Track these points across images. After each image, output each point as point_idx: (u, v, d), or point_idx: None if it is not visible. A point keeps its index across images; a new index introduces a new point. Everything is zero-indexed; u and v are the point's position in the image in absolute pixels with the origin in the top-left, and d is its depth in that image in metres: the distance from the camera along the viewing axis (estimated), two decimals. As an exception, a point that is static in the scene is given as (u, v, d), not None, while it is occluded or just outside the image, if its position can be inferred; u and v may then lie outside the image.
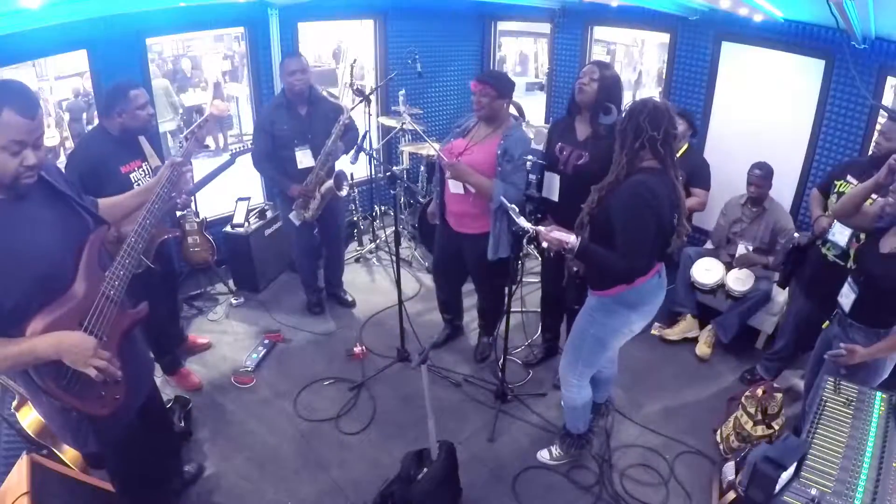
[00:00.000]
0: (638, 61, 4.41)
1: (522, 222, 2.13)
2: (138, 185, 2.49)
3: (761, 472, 1.56)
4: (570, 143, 2.56)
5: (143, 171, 2.55)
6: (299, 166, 3.20)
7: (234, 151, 2.93)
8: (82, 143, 2.56)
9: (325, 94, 3.20)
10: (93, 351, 1.44)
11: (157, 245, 2.55)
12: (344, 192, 3.28)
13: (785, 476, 1.60)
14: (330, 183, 3.19)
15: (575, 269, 2.30)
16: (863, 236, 2.30)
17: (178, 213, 3.35)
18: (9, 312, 1.38)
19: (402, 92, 3.70)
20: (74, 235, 1.54)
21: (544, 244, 2.03)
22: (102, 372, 1.47)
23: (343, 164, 3.26)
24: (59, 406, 1.52)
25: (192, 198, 2.36)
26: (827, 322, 2.38)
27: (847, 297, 2.14)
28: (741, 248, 3.30)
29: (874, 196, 2.25)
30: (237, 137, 4.92)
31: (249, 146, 3.15)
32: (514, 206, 2.20)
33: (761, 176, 3.17)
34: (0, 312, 1.37)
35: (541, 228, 2.06)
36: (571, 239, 1.97)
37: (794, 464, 1.61)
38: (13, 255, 1.38)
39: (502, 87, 2.65)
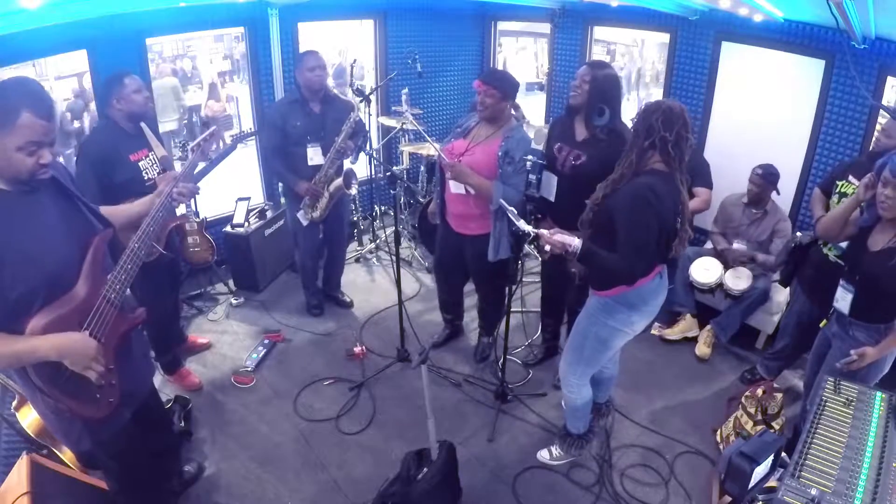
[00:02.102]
0: (637, 60, 4.40)
1: (522, 225, 2.12)
2: (146, 173, 2.58)
3: (736, 466, 1.60)
4: (569, 143, 2.56)
5: (150, 160, 2.62)
6: (309, 163, 3.21)
7: (234, 136, 2.92)
8: (92, 135, 2.66)
9: (335, 92, 3.20)
10: (94, 353, 1.46)
11: (167, 233, 2.61)
12: (354, 191, 3.28)
13: (760, 470, 1.62)
14: (339, 181, 3.19)
15: (579, 271, 2.29)
16: None
17: (180, 213, 3.35)
18: (13, 304, 1.39)
19: (406, 91, 3.71)
20: (80, 236, 1.56)
21: (547, 247, 2.02)
22: (101, 376, 1.48)
23: (343, 163, 3.26)
24: (53, 406, 1.52)
25: (198, 186, 2.42)
26: (825, 321, 2.38)
27: (843, 299, 2.14)
28: (736, 245, 3.31)
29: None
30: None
31: (248, 131, 3.14)
32: (512, 208, 2.19)
33: (760, 175, 3.17)
34: (5, 303, 1.38)
35: (543, 231, 2.04)
36: (575, 242, 1.96)
37: (770, 459, 1.64)
38: (24, 247, 1.40)
39: (507, 88, 2.64)
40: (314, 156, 3.21)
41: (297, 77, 3.17)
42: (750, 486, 1.64)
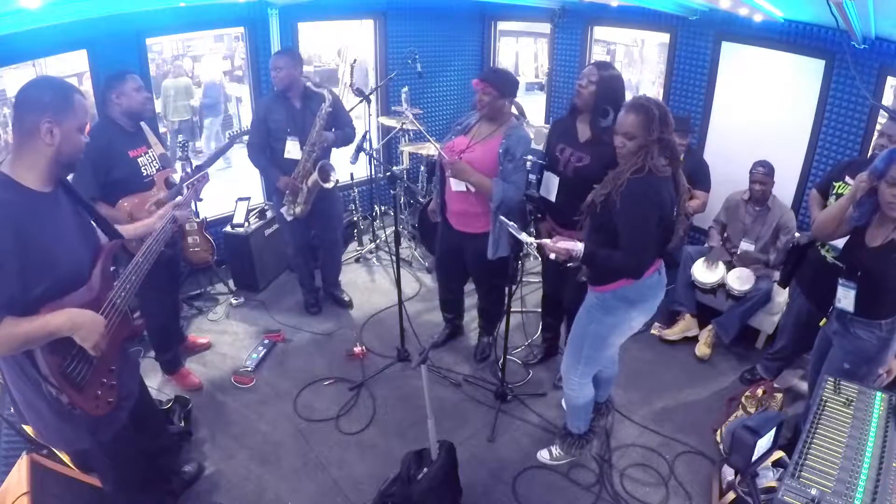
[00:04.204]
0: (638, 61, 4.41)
1: (524, 237, 2.13)
2: (144, 169, 2.62)
3: (740, 438, 1.66)
4: (571, 144, 2.55)
5: (149, 157, 2.65)
6: (286, 156, 3.21)
7: (231, 135, 2.92)
8: (91, 131, 2.66)
9: (308, 84, 3.19)
10: (104, 329, 1.51)
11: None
12: (330, 185, 3.25)
13: (763, 444, 1.66)
14: (315, 175, 3.19)
15: (577, 271, 2.28)
16: None
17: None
18: (32, 302, 1.43)
19: (406, 89, 3.71)
20: (90, 238, 1.64)
21: (552, 256, 2.03)
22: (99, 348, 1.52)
23: (342, 163, 3.25)
24: (56, 397, 1.53)
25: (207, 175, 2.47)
26: (825, 319, 2.38)
27: (846, 297, 2.14)
28: (744, 245, 3.30)
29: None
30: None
31: (244, 130, 3.15)
32: (512, 223, 2.20)
33: (765, 173, 3.17)
34: (26, 299, 1.42)
35: (546, 241, 2.05)
36: (578, 246, 1.98)
37: (772, 433, 1.69)
38: (48, 246, 1.45)
39: (504, 86, 2.64)
40: (292, 149, 3.21)
41: None
42: (753, 458, 1.68)
